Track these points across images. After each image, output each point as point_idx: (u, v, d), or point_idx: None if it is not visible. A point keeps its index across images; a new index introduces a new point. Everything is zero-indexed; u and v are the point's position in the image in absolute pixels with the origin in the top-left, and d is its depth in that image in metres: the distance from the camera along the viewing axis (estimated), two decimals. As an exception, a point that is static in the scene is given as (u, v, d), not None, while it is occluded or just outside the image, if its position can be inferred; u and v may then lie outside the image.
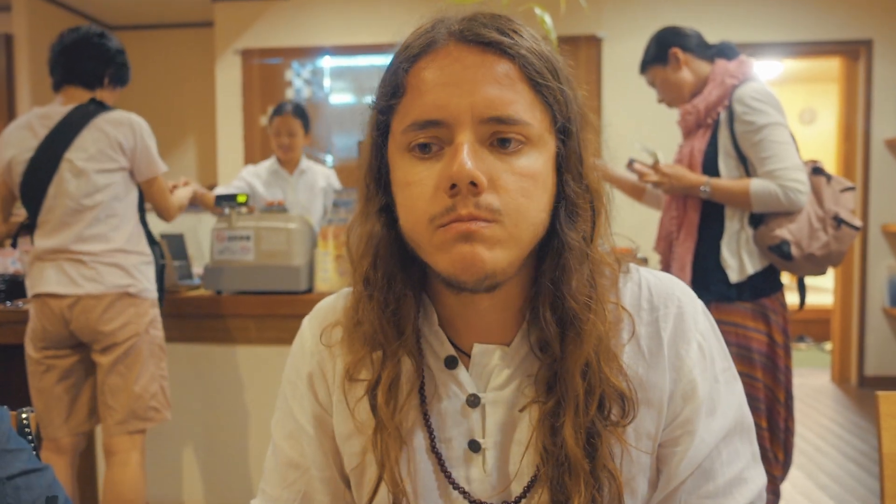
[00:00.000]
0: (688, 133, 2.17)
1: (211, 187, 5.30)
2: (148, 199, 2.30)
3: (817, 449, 3.56)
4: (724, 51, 2.18)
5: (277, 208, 2.68)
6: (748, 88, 2.02)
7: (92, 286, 2.10)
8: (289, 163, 3.37)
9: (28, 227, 2.19)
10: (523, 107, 0.63)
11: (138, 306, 2.15)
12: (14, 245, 2.30)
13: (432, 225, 0.63)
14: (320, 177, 3.38)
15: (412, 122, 0.64)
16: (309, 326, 0.81)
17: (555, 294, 0.66)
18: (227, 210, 2.61)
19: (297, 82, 5.16)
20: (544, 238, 0.67)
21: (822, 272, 2.06)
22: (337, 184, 3.40)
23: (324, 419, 0.78)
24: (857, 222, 2.00)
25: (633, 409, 0.68)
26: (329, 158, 5.21)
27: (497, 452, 0.71)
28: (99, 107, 2.17)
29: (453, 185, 0.61)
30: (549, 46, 0.68)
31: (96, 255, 2.11)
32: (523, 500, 0.70)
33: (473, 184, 0.61)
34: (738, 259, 2.02)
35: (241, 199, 2.66)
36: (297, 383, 0.79)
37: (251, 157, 5.06)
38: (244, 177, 3.41)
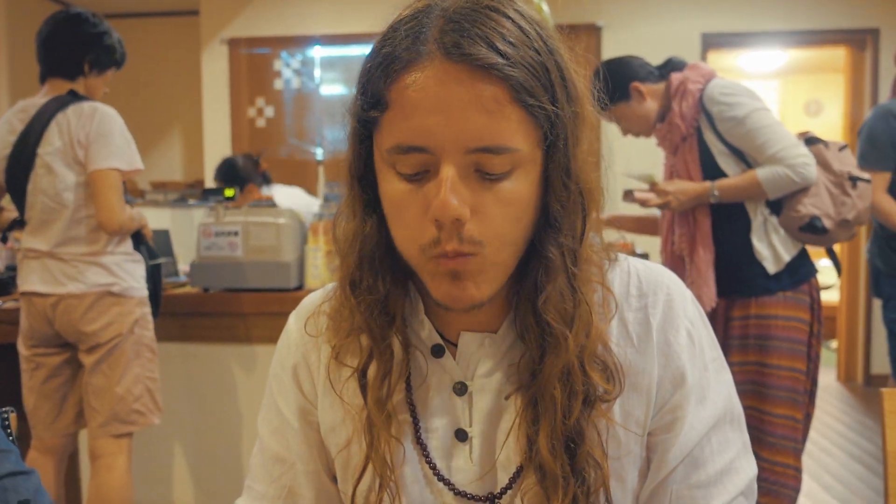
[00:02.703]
0: (674, 150, 2.20)
1: (197, 184, 5.32)
2: (92, 195, 2.09)
3: (822, 449, 3.59)
4: (675, 66, 2.22)
5: (266, 203, 2.69)
6: (714, 88, 2.06)
7: (74, 285, 2.10)
8: None
9: (21, 223, 2.20)
10: (511, 132, 0.63)
11: (122, 305, 2.15)
12: (4, 240, 2.32)
13: (423, 255, 0.65)
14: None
15: (396, 146, 0.64)
16: (295, 320, 0.83)
17: (533, 305, 0.69)
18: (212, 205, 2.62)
19: (287, 73, 5.16)
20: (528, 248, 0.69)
21: (853, 236, 2.12)
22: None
23: (309, 412, 0.80)
24: (866, 175, 2.07)
25: (620, 385, 0.70)
26: (319, 151, 5.22)
27: (483, 441, 0.73)
28: (73, 98, 2.14)
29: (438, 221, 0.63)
30: (542, 38, 0.65)
31: (77, 256, 2.12)
32: (509, 492, 0.72)
33: (458, 219, 0.63)
34: (772, 249, 2.06)
35: (228, 193, 2.67)
36: (282, 377, 0.81)
37: (239, 151, 5.06)
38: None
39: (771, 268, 2.05)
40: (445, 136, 0.62)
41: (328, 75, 5.18)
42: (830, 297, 5.99)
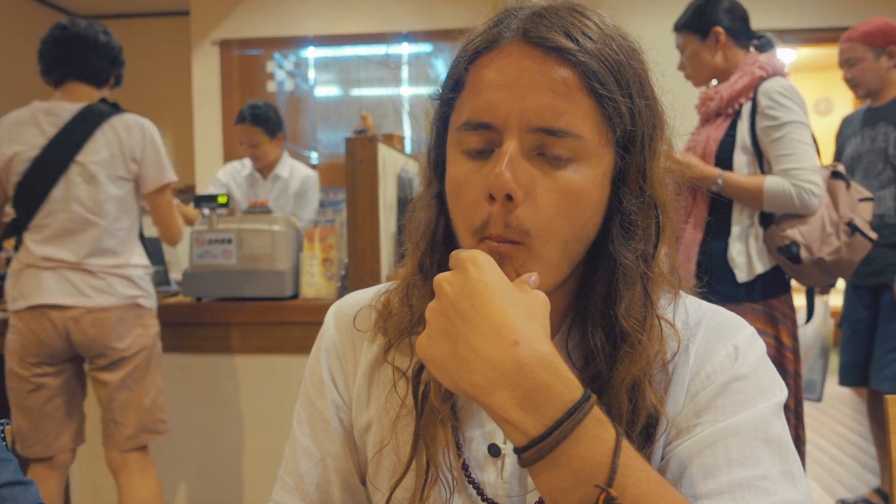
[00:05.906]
0: (706, 120, 2.22)
1: (188, 189, 5.34)
2: (153, 214, 2.29)
3: (834, 459, 3.61)
4: (763, 44, 2.23)
5: (261, 209, 2.71)
6: (776, 83, 2.08)
7: (102, 298, 2.12)
8: (263, 169, 3.45)
9: (16, 229, 2.18)
10: (577, 118, 0.64)
11: (145, 318, 2.22)
12: None
13: (475, 238, 0.67)
14: (295, 181, 3.42)
15: (464, 122, 0.68)
16: (334, 316, 0.85)
17: (605, 313, 0.69)
18: (206, 212, 2.65)
19: (280, 74, 5.19)
20: (594, 253, 0.70)
21: (830, 284, 2.11)
22: (314, 188, 3.43)
23: (342, 409, 0.82)
24: (873, 234, 2.06)
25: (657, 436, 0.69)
26: (314, 155, 5.23)
27: (516, 459, 0.73)
28: (113, 108, 2.21)
29: (492, 195, 0.64)
30: (626, 46, 0.69)
31: (106, 267, 2.15)
32: None
33: (510, 196, 0.64)
34: (747, 257, 2.08)
35: (221, 199, 2.69)
36: (318, 372, 0.84)
37: (231, 155, 5.09)
38: (220, 178, 3.49)
39: (741, 276, 2.07)
40: (510, 112, 0.65)
41: (323, 77, 5.21)
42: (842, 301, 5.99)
